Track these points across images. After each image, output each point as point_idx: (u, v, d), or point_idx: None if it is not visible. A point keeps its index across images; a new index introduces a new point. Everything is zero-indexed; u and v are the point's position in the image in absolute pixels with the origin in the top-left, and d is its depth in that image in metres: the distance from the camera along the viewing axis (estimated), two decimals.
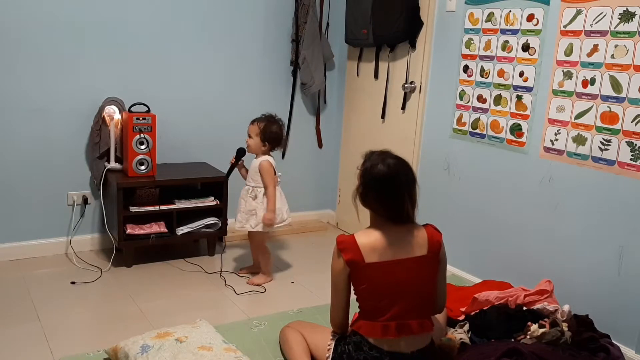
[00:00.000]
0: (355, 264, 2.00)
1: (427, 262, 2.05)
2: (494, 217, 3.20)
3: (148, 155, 3.38)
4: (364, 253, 1.99)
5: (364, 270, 2.00)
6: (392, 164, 2.02)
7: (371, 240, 2.02)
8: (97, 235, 3.64)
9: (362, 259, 1.99)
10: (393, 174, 2.01)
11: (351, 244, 2.01)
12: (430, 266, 2.06)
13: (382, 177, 2.01)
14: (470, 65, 3.29)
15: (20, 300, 2.92)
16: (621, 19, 2.57)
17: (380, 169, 2.01)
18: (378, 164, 2.02)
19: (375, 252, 2.00)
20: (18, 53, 3.25)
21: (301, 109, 4.24)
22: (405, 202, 2.02)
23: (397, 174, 2.01)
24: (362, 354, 2.03)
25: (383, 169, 2.01)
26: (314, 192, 4.42)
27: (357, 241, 2.01)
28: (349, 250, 2.00)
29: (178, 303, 3.01)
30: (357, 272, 2.01)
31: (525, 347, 2.15)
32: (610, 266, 2.66)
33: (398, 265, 2.00)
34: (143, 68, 3.60)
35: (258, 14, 3.93)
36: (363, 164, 2.07)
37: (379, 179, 2.01)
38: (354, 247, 2.00)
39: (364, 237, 2.03)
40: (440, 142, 3.50)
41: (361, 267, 2.00)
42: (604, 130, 2.67)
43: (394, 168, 2.02)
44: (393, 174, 2.01)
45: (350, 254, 2.00)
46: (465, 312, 2.61)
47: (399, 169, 2.02)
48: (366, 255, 1.99)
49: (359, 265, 1.99)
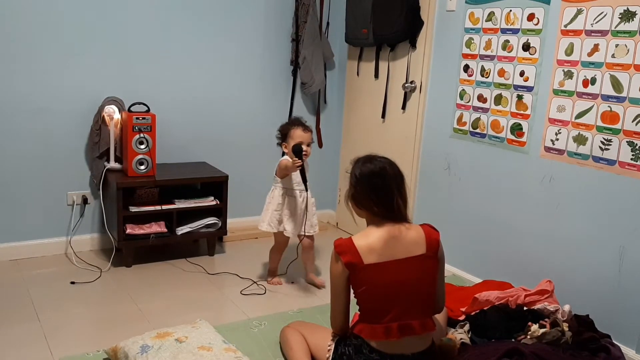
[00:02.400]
0: (354, 266, 2.00)
1: (426, 261, 2.05)
2: (495, 217, 3.20)
3: (148, 155, 3.38)
4: (362, 255, 1.99)
5: (363, 272, 2.00)
6: (378, 162, 2.11)
7: (369, 241, 2.02)
8: (96, 235, 3.64)
9: (360, 260, 1.99)
10: (381, 168, 2.08)
11: (349, 247, 2.01)
12: (430, 264, 2.06)
13: (370, 173, 2.08)
14: (471, 64, 3.28)
15: (20, 300, 2.92)
16: (622, 19, 2.57)
17: (367, 166, 2.10)
18: (366, 163, 2.11)
19: (373, 253, 2.00)
20: (17, 53, 3.24)
21: (301, 108, 4.24)
22: (395, 195, 2.06)
23: (384, 168, 2.08)
24: (362, 357, 2.03)
25: (370, 166, 2.09)
26: (314, 192, 4.39)
27: (355, 243, 2.02)
28: (346, 253, 2.01)
29: (178, 303, 3.00)
30: (357, 274, 2.01)
31: (525, 347, 2.14)
32: (610, 266, 2.65)
33: (397, 265, 2.00)
34: (143, 67, 3.59)
35: (258, 14, 3.92)
36: (352, 168, 2.15)
37: (367, 175, 2.08)
38: (352, 250, 2.00)
39: (362, 239, 2.04)
40: (440, 142, 3.50)
41: (360, 269, 2.00)
42: (604, 130, 2.66)
43: (380, 164, 2.09)
44: (381, 169, 2.08)
45: (349, 257, 2.00)
46: (465, 312, 2.61)
47: (386, 165, 2.10)
48: (364, 257, 1.99)
49: (358, 267, 1.99)
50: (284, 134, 3.10)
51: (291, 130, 3.06)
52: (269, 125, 4.12)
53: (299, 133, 3.04)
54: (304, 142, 3.02)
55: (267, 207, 3.20)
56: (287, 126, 3.11)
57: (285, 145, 3.10)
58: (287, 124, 3.14)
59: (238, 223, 3.99)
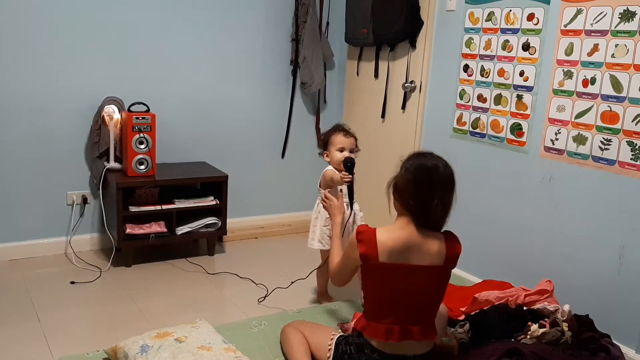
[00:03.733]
0: (368, 259, 1.97)
1: (440, 273, 2.02)
2: (494, 217, 3.20)
3: (148, 154, 3.38)
4: (380, 251, 1.95)
5: (375, 268, 1.97)
6: (433, 159, 2.00)
7: (391, 238, 1.97)
8: (96, 235, 3.64)
9: (376, 256, 1.95)
10: (432, 167, 1.97)
11: (370, 238, 1.97)
12: (443, 277, 2.04)
13: (420, 167, 1.97)
14: (471, 64, 3.28)
15: (20, 300, 2.92)
16: (621, 19, 2.56)
17: (420, 160, 2.00)
18: (419, 157, 2.02)
19: (391, 253, 1.95)
20: (17, 52, 3.24)
21: (301, 108, 4.24)
22: (436, 203, 1.97)
23: (436, 168, 1.97)
24: (364, 356, 2.02)
25: (424, 160, 1.99)
26: (314, 192, 4.38)
27: (377, 236, 1.97)
28: (365, 243, 1.97)
29: (178, 303, 3.00)
30: (368, 269, 1.99)
31: (525, 347, 2.14)
32: (610, 266, 2.65)
33: (410, 271, 1.97)
34: (143, 67, 3.59)
35: (258, 13, 3.92)
36: (406, 158, 2.06)
37: (417, 168, 1.98)
38: (372, 242, 1.96)
39: (385, 233, 1.98)
40: (440, 142, 3.49)
41: (373, 265, 1.97)
42: (604, 129, 2.66)
43: (434, 162, 1.98)
44: (432, 167, 1.97)
45: (366, 248, 1.96)
46: (465, 312, 2.60)
47: (439, 165, 1.98)
48: (381, 254, 1.95)
49: (371, 262, 1.96)
50: (325, 141, 2.89)
51: (332, 137, 2.85)
52: (268, 125, 4.14)
53: (339, 139, 2.82)
54: (346, 148, 2.81)
55: (315, 224, 2.94)
56: (328, 133, 2.91)
57: (326, 154, 2.89)
58: (328, 131, 2.93)
59: (238, 223, 3.99)
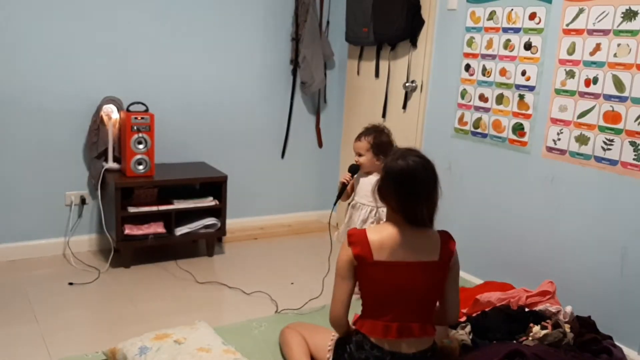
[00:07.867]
0: (363, 259, 1.97)
1: (436, 268, 2.01)
2: (496, 218, 3.18)
3: (146, 154, 3.36)
4: (373, 250, 1.97)
5: (370, 268, 1.98)
6: (412, 162, 1.98)
7: (382, 237, 1.98)
8: (95, 236, 3.62)
9: (370, 255, 1.96)
10: (411, 171, 1.97)
11: (361, 239, 1.98)
12: (439, 273, 2.03)
13: (400, 171, 1.97)
14: (472, 64, 3.27)
15: (18, 301, 2.90)
16: (624, 18, 2.55)
17: (399, 164, 1.98)
18: (398, 159, 2.00)
19: (384, 251, 1.97)
20: (16, 52, 3.22)
21: (301, 108, 4.23)
22: (421, 203, 1.98)
23: (415, 172, 1.97)
24: (364, 353, 2.02)
25: (402, 164, 1.98)
26: (314, 192, 4.40)
27: (368, 237, 1.98)
28: (358, 244, 1.98)
29: (177, 304, 2.99)
30: (364, 269, 1.99)
31: (527, 348, 2.13)
32: (613, 267, 2.64)
33: (406, 267, 1.98)
34: (141, 67, 3.58)
35: (258, 13, 3.91)
36: (387, 158, 2.06)
37: (396, 172, 1.98)
38: (364, 242, 1.97)
39: (376, 233, 2.00)
40: (441, 142, 3.48)
41: (368, 264, 1.97)
42: (606, 129, 2.65)
43: (412, 166, 1.97)
44: (411, 171, 1.97)
45: (359, 249, 1.97)
46: (467, 313, 2.59)
47: (418, 168, 1.98)
48: (375, 253, 1.97)
49: (366, 261, 1.97)
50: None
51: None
52: (268, 125, 4.12)
53: (354, 144, 2.92)
54: (355, 151, 2.90)
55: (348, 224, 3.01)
56: None
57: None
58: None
59: (237, 223, 3.98)
